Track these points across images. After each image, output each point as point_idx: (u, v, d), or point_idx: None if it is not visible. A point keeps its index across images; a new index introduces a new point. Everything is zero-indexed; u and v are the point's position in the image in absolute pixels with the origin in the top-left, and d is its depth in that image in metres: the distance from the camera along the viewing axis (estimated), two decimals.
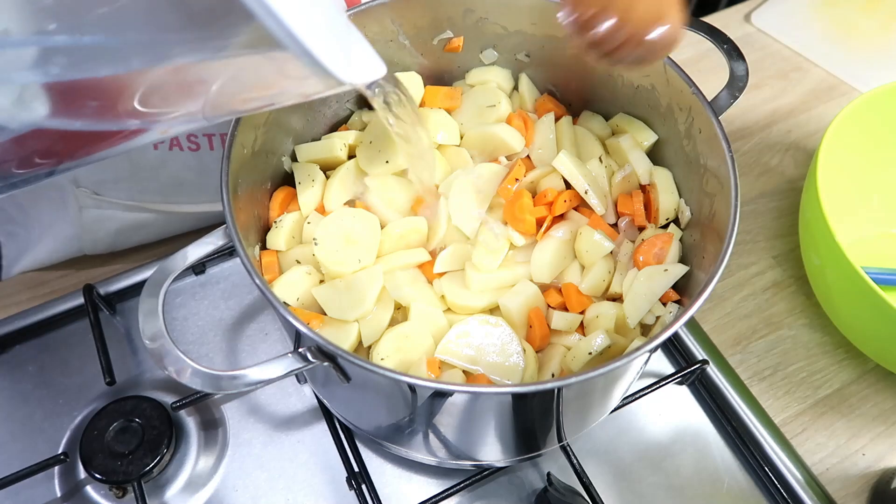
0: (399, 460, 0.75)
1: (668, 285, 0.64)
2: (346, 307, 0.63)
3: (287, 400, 0.79)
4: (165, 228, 0.87)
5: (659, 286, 0.64)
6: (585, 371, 0.49)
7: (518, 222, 0.68)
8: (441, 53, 0.78)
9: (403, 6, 0.72)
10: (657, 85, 0.70)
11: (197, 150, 0.78)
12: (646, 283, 0.64)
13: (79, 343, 0.81)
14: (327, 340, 0.50)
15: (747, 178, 1.02)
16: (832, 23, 1.22)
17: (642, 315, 0.64)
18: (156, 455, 0.70)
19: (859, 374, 0.84)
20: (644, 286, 0.64)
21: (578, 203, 0.72)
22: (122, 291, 0.83)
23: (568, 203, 0.70)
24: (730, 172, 0.60)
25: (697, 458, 0.77)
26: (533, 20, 0.73)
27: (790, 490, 0.74)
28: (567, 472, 0.72)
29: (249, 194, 0.65)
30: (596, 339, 0.61)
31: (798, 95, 1.13)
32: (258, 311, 0.85)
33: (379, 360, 0.62)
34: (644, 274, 0.65)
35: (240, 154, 0.61)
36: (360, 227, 0.67)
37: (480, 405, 0.56)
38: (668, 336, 0.51)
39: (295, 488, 0.73)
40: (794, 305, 0.90)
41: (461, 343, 0.62)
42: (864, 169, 0.92)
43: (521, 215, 0.68)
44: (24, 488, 0.71)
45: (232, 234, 0.55)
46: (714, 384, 0.80)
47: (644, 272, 0.65)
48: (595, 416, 0.69)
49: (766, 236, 0.96)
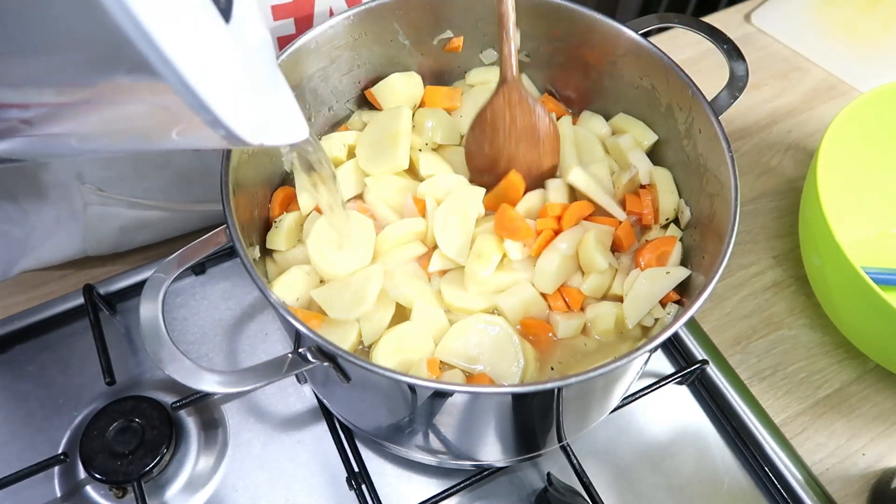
0: (399, 460, 0.75)
1: (669, 287, 0.64)
2: (347, 306, 0.63)
3: (287, 400, 0.79)
4: (168, 228, 0.87)
5: (660, 288, 0.64)
6: (585, 371, 0.49)
7: (513, 232, 0.66)
8: (441, 53, 0.78)
9: (403, 6, 0.72)
10: (657, 85, 0.70)
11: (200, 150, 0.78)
12: (647, 284, 0.64)
13: (79, 343, 0.81)
14: (327, 340, 0.50)
15: (747, 178, 1.02)
16: (832, 23, 1.22)
17: (642, 316, 0.64)
18: (156, 455, 0.70)
19: (859, 374, 0.84)
20: (645, 287, 0.64)
21: (589, 214, 0.71)
22: (122, 291, 0.83)
23: (578, 216, 0.69)
24: (730, 172, 0.60)
25: (697, 458, 0.77)
26: (533, 20, 0.73)
27: (790, 490, 0.74)
28: (567, 472, 0.72)
29: (249, 194, 0.65)
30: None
31: (798, 95, 1.13)
32: (258, 311, 0.85)
33: (379, 360, 0.62)
34: (646, 275, 0.65)
35: (240, 154, 0.61)
36: (354, 230, 0.67)
37: (480, 405, 0.56)
38: (668, 336, 0.51)
39: (295, 488, 0.73)
40: (794, 305, 0.90)
41: (461, 343, 0.62)
42: (864, 169, 0.92)
43: (513, 224, 0.65)
44: (24, 488, 0.71)
45: (232, 234, 0.55)
46: (714, 384, 0.80)
47: (646, 274, 0.65)
48: (595, 416, 0.69)
49: (766, 236, 0.96)
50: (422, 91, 0.78)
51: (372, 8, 0.70)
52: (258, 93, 0.40)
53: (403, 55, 0.77)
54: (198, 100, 0.32)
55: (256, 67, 0.41)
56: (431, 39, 0.76)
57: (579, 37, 0.73)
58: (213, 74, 0.32)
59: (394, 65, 0.77)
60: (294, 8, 0.71)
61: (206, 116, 0.33)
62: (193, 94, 0.31)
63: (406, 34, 0.75)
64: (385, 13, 0.72)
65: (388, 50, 0.75)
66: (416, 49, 0.77)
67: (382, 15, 0.72)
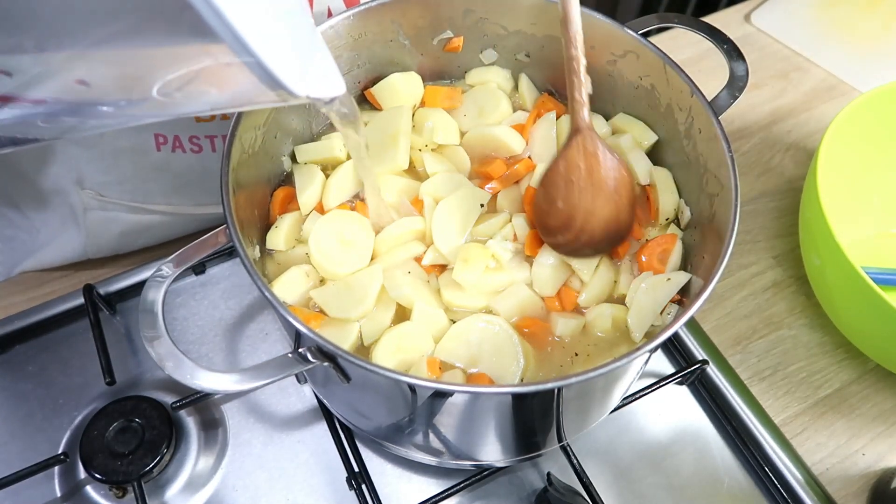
0: (399, 460, 0.75)
1: (671, 294, 0.64)
2: (347, 306, 0.63)
3: (287, 400, 0.79)
4: (168, 231, 0.87)
5: (662, 296, 0.64)
6: (585, 371, 0.49)
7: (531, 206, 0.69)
8: (441, 53, 0.78)
9: (403, 6, 0.72)
10: (657, 85, 0.70)
11: (199, 153, 0.78)
12: (649, 293, 0.64)
13: (79, 343, 0.81)
14: (327, 340, 0.50)
15: (747, 178, 1.02)
16: (832, 23, 1.22)
17: (647, 328, 0.64)
18: (156, 455, 0.70)
19: (859, 374, 0.84)
20: (648, 297, 0.64)
21: None
22: (122, 291, 0.83)
23: None
24: (730, 172, 0.60)
25: (697, 458, 0.77)
26: (533, 20, 0.73)
27: (790, 490, 0.74)
28: (567, 472, 0.72)
29: (249, 194, 0.65)
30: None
31: (798, 95, 1.13)
32: (258, 311, 0.85)
33: (379, 360, 0.62)
34: (647, 284, 0.65)
35: (240, 154, 0.61)
36: (354, 229, 0.67)
37: (480, 405, 0.56)
38: (668, 336, 0.51)
39: (295, 488, 0.73)
40: (794, 305, 0.90)
41: (461, 343, 0.62)
42: (864, 169, 0.92)
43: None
44: (24, 488, 0.71)
45: (232, 234, 0.55)
46: (714, 384, 0.80)
47: (647, 283, 0.65)
48: (595, 416, 0.69)
49: (766, 236, 0.96)
50: (422, 91, 0.78)
51: (372, 8, 0.70)
52: (301, 50, 0.44)
53: (403, 55, 0.77)
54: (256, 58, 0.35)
55: (297, 28, 0.44)
56: (431, 39, 0.76)
57: None
58: (264, 34, 0.36)
59: (394, 65, 0.77)
60: None
61: (262, 75, 0.37)
62: (251, 53, 0.35)
63: (406, 34, 0.75)
64: (385, 13, 0.72)
65: (388, 50, 0.75)
66: (416, 49, 0.77)
67: (382, 15, 0.71)
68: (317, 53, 0.48)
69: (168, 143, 0.76)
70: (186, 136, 0.76)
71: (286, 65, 0.38)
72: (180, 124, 0.75)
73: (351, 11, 0.69)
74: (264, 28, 0.37)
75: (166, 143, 0.76)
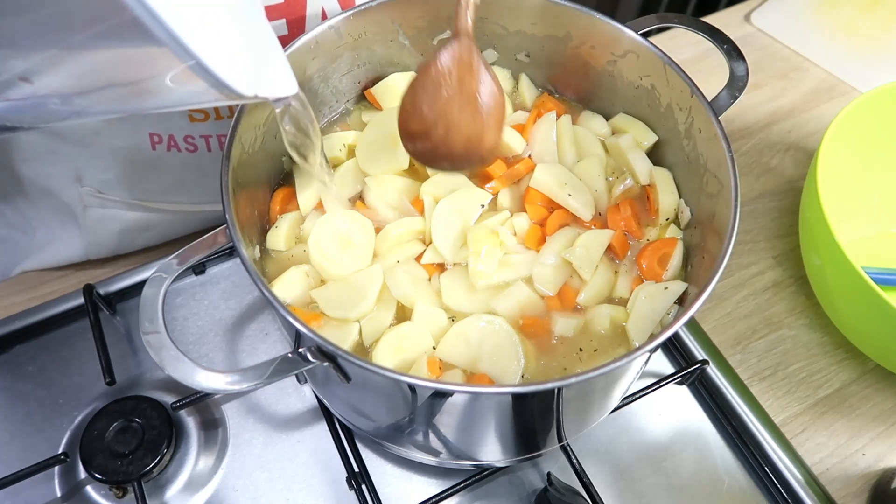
0: (399, 460, 0.75)
1: (669, 303, 0.64)
2: (347, 306, 0.63)
3: (287, 400, 0.79)
4: (168, 230, 0.87)
5: (661, 305, 0.64)
6: (585, 371, 0.49)
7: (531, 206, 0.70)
8: None
9: (403, 6, 0.72)
10: (657, 85, 0.70)
11: (195, 152, 0.78)
12: (648, 303, 0.64)
13: (79, 343, 0.81)
14: (327, 340, 0.50)
15: (747, 178, 1.02)
16: (832, 23, 1.22)
17: (646, 336, 0.64)
18: (156, 455, 0.70)
19: (859, 374, 0.84)
20: (647, 307, 0.64)
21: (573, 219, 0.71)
22: (122, 291, 0.83)
23: (559, 221, 0.70)
24: (730, 172, 0.60)
25: (697, 458, 0.77)
26: (533, 20, 0.74)
27: (790, 490, 0.74)
28: (567, 472, 0.72)
29: (249, 194, 0.65)
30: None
31: (798, 95, 1.13)
32: (258, 311, 0.85)
33: (379, 360, 0.62)
34: (645, 293, 0.65)
35: (239, 154, 0.61)
36: (354, 229, 0.67)
37: (480, 405, 0.56)
38: (668, 336, 0.51)
39: (295, 488, 0.73)
40: (794, 305, 0.90)
41: (461, 343, 0.62)
42: (864, 169, 0.92)
43: (534, 200, 0.70)
44: (24, 488, 0.71)
45: (232, 233, 0.55)
46: (714, 384, 0.80)
47: (645, 292, 0.65)
48: (595, 416, 0.69)
49: (766, 236, 0.96)
50: None
51: (372, 8, 0.70)
52: (250, 47, 0.42)
53: (403, 55, 0.77)
54: (188, 51, 0.34)
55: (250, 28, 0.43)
56: (431, 39, 0.76)
57: (579, 37, 0.73)
58: (204, 29, 0.35)
59: (394, 65, 0.77)
60: (286, 9, 0.71)
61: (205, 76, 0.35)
62: (185, 48, 0.33)
63: (406, 34, 0.75)
64: (385, 13, 0.72)
65: (388, 50, 0.75)
66: (416, 49, 0.77)
67: (382, 15, 0.71)
68: (271, 53, 0.47)
69: (163, 142, 0.76)
70: (181, 135, 0.76)
71: (232, 64, 0.37)
72: (175, 124, 0.75)
73: (351, 11, 0.69)
74: (210, 29, 0.36)
75: (161, 142, 0.76)
